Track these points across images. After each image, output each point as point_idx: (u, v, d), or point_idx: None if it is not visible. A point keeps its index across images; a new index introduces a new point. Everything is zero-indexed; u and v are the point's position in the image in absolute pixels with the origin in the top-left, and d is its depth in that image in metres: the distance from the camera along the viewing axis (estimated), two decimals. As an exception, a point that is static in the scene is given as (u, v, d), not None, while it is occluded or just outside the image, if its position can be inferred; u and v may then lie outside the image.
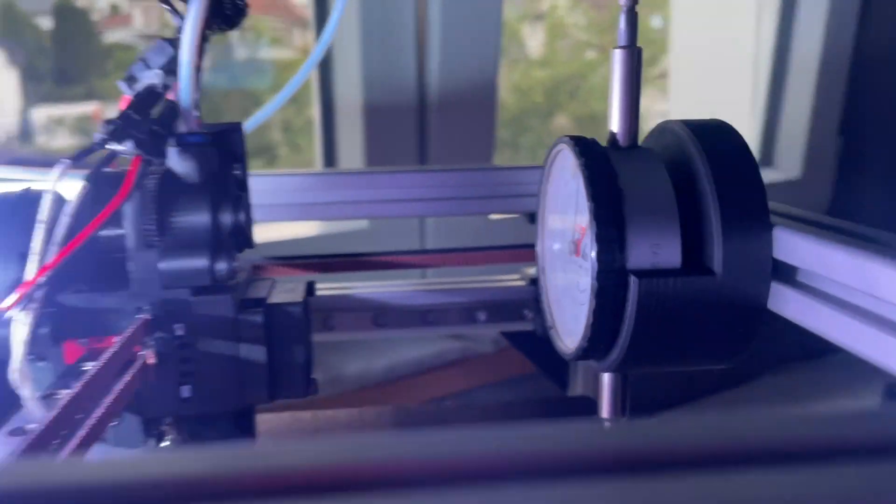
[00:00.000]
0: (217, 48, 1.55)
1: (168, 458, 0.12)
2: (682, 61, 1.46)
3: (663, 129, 0.32)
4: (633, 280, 0.28)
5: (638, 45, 0.31)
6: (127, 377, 0.30)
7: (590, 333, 0.29)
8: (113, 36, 2.25)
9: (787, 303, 0.28)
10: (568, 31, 2.11)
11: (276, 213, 0.45)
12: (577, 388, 0.50)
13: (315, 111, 0.85)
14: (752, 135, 1.25)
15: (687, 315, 0.29)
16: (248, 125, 0.40)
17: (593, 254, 0.28)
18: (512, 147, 1.93)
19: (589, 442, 0.12)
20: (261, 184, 0.43)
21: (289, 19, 1.34)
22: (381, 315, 0.45)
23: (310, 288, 0.38)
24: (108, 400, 0.28)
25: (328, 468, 0.12)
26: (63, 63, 1.92)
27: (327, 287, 0.46)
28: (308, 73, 0.43)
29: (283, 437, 0.44)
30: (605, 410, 0.36)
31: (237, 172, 0.36)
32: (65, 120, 2.32)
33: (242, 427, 0.37)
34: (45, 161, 0.37)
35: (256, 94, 1.43)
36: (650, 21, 1.75)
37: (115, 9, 1.76)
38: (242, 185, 0.36)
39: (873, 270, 0.24)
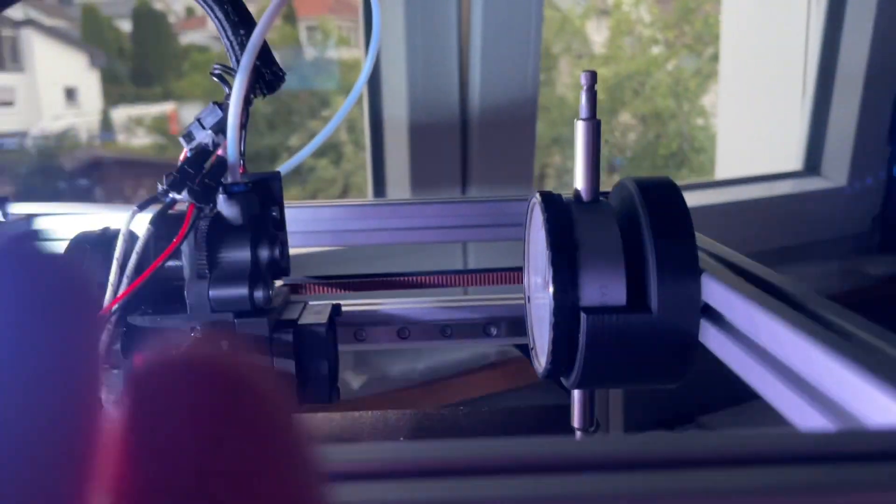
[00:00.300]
0: (288, 51, 1.65)
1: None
2: (732, 63, 1.48)
3: (622, 184, 0.38)
4: (583, 316, 0.34)
5: (597, 118, 0.37)
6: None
7: (551, 358, 0.35)
8: (188, 38, 2.38)
9: (711, 340, 0.34)
10: (633, 27, 2.13)
11: (331, 238, 0.53)
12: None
13: (365, 130, 0.92)
14: (798, 141, 1.27)
15: (630, 345, 0.34)
16: (285, 168, 0.48)
17: (551, 293, 0.34)
18: (573, 145, 1.97)
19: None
20: (318, 213, 0.51)
21: (355, 19, 1.42)
22: (403, 329, 0.52)
23: (336, 310, 0.45)
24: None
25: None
26: (141, 65, 2.04)
27: (357, 303, 0.53)
28: (339, 121, 0.50)
29: (314, 436, 0.52)
30: (575, 420, 0.42)
31: (275, 214, 0.43)
32: (143, 120, 2.45)
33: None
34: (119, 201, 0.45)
35: (324, 95, 1.51)
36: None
37: (190, 11, 1.88)
38: (279, 225, 0.44)
39: (775, 330, 0.29)
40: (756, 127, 1.38)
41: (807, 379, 0.27)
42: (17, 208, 0.48)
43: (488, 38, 0.85)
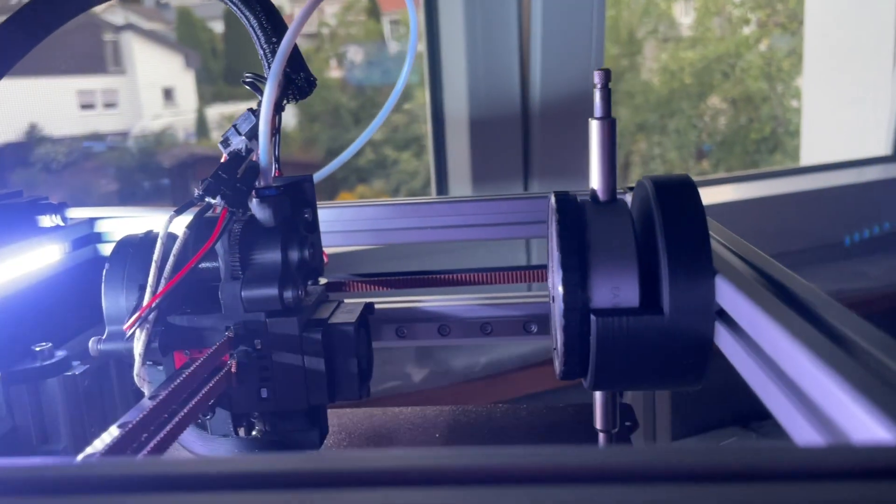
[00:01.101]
0: (371, 46, 1.67)
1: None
2: (818, 43, 1.41)
3: (641, 183, 0.37)
4: (592, 318, 0.34)
5: (611, 116, 0.36)
6: (214, 381, 0.40)
7: (564, 359, 0.35)
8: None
9: (724, 343, 0.33)
10: (722, 8, 2.05)
11: (393, 236, 0.55)
12: (628, 393, 0.55)
13: (427, 126, 0.93)
14: (888, 124, 1.20)
15: (642, 347, 0.34)
16: (319, 175, 0.49)
17: (560, 294, 0.34)
18: (659, 131, 1.92)
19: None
20: (380, 212, 0.53)
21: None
22: (444, 326, 0.53)
23: (369, 308, 0.46)
24: (198, 398, 0.38)
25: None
26: (233, 64, 2.12)
27: (399, 301, 0.54)
28: (377, 126, 0.51)
29: (353, 431, 0.53)
30: (598, 422, 0.42)
31: (307, 216, 0.45)
32: (235, 117, 2.51)
33: (315, 421, 0.45)
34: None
35: (407, 89, 1.53)
36: None
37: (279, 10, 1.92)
38: (311, 227, 0.45)
39: (777, 339, 0.28)
40: (843, 110, 1.32)
41: (807, 394, 0.26)
42: (75, 213, 0.51)
43: (549, 31, 0.84)
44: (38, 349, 0.46)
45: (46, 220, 0.49)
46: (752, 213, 1.12)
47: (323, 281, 0.52)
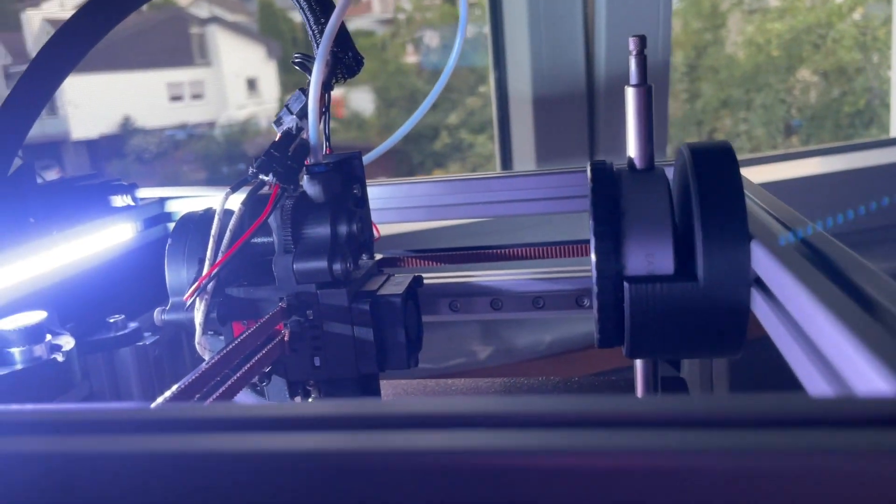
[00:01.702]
0: (447, 29, 1.68)
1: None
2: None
3: (680, 151, 0.37)
4: (626, 285, 0.34)
5: (647, 83, 0.36)
6: (268, 348, 0.42)
7: (599, 326, 0.36)
8: (355, 24, 2.46)
9: (760, 310, 0.32)
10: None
11: (460, 211, 0.56)
12: (685, 369, 0.55)
13: (493, 108, 0.93)
14: None
15: (677, 314, 0.34)
16: (368, 157, 0.50)
17: (594, 262, 0.34)
18: (745, 107, 1.86)
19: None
20: (448, 188, 0.55)
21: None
22: (496, 300, 0.54)
23: (417, 280, 0.47)
24: (252, 363, 0.40)
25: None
26: (313, 53, 2.16)
27: (453, 275, 0.55)
28: (424, 111, 0.52)
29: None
30: (638, 390, 0.41)
31: (356, 192, 0.46)
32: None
33: (368, 389, 0.47)
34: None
35: (482, 71, 1.54)
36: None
37: (357, -3, 1.94)
38: (360, 202, 0.46)
39: (807, 306, 0.27)
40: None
41: (835, 366, 0.25)
42: (145, 193, 0.54)
43: (614, 3, 0.84)
44: (112, 321, 0.49)
45: (118, 201, 0.52)
46: (840, 186, 1.09)
47: (378, 256, 0.53)
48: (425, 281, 0.51)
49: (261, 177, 0.43)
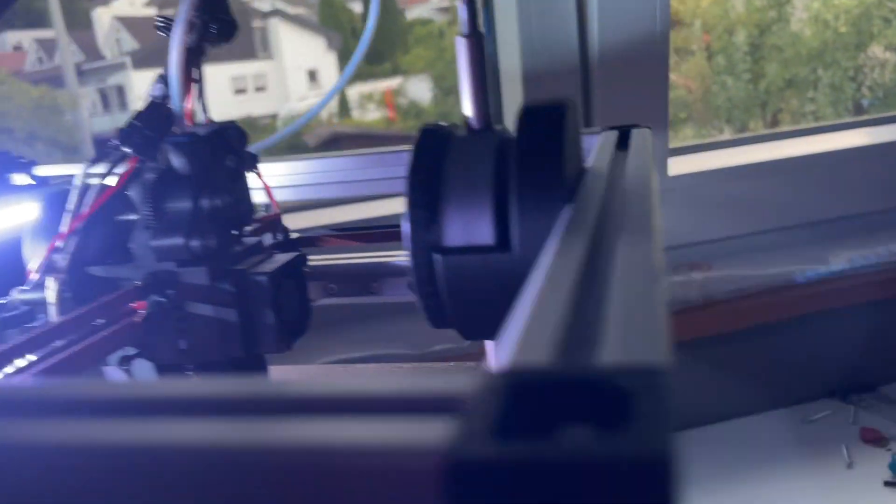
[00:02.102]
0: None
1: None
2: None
3: (519, 109, 0.32)
4: (436, 257, 0.30)
5: (479, 31, 0.32)
6: (116, 327, 0.39)
7: (422, 305, 0.32)
8: (414, 13, 2.45)
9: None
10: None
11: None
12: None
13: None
14: None
15: (496, 290, 0.30)
16: (257, 147, 0.47)
17: (408, 233, 0.31)
18: (812, 86, 1.75)
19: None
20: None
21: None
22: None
23: (301, 259, 0.44)
24: (93, 339, 0.37)
25: None
26: (372, 43, 2.15)
27: (369, 256, 0.51)
28: (324, 105, 0.49)
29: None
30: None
31: (229, 164, 0.43)
32: (373, 96, 2.58)
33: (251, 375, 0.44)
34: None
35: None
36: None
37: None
38: (235, 175, 0.43)
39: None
40: None
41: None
42: (45, 170, 0.52)
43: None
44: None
45: (18, 178, 0.51)
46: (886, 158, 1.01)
47: (295, 235, 0.50)
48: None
49: (122, 148, 0.41)
